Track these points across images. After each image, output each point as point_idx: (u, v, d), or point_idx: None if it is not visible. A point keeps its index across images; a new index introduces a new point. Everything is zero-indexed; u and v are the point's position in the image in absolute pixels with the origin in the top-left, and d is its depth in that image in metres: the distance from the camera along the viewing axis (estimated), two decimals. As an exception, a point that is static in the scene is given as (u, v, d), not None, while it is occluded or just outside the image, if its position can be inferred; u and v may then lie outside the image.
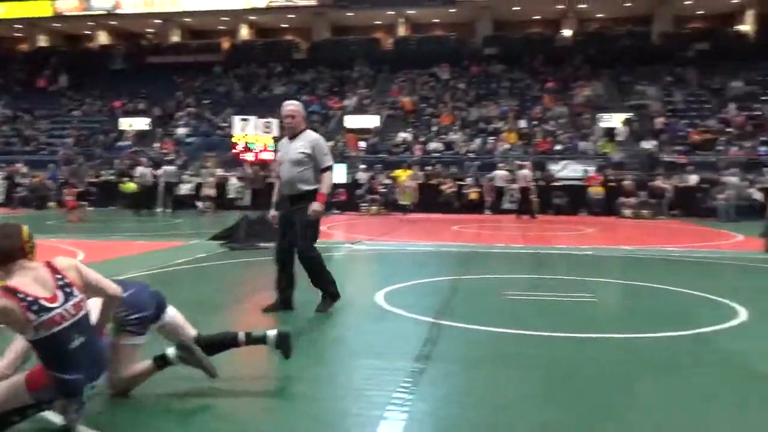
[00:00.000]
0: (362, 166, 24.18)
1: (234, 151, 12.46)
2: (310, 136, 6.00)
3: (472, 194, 22.02)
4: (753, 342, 5.23)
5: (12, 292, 3.04)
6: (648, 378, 4.27)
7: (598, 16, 37.80)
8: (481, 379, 4.27)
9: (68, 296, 3.15)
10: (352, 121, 29.15)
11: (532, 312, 6.36)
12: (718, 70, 30.46)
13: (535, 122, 27.51)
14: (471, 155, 25.33)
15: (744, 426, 3.53)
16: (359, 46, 37.89)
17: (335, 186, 22.38)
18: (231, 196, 22.19)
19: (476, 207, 21.48)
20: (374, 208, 21.58)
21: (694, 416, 3.62)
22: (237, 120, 12.14)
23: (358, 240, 12.96)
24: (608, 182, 21.77)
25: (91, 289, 3.33)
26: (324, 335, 5.51)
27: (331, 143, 26.65)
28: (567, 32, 36.68)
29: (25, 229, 3.28)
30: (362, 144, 27.50)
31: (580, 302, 6.85)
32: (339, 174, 22.86)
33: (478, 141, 26.24)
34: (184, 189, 21.75)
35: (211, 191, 21.06)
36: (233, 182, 22.42)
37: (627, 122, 26.18)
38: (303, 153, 5.83)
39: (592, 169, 22.78)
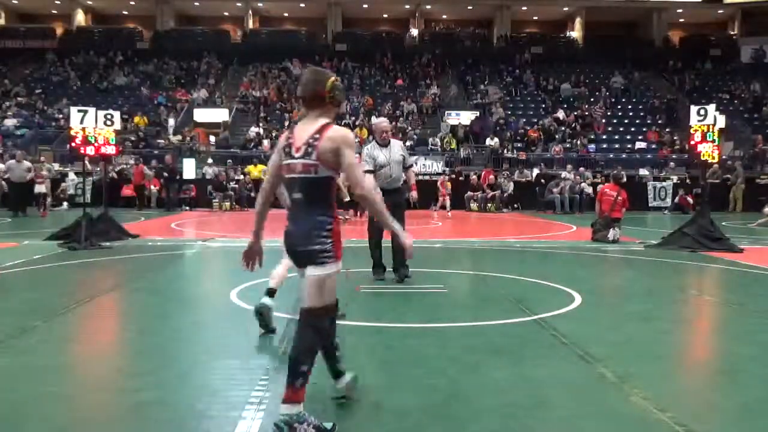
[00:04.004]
0: (210, 161, 23.56)
1: (72, 144, 11.59)
2: (399, 143, 8.07)
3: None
4: (586, 325, 5.68)
5: (291, 131, 3.41)
6: (495, 362, 4.51)
7: (444, 17, 39.30)
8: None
9: (306, 154, 3.29)
10: (201, 115, 28.27)
11: (387, 304, 6.50)
12: (552, 73, 32.79)
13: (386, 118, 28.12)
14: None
15: (580, 404, 3.82)
16: (207, 37, 36.81)
17: (185, 182, 21.69)
18: (70, 192, 20.81)
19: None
20: (227, 204, 21.07)
21: (538, 397, 3.87)
22: (74, 111, 11.30)
23: (210, 237, 12.59)
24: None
25: (345, 172, 3.35)
26: (176, 336, 5.30)
27: (178, 137, 25.74)
28: (414, 31, 37.79)
29: (332, 79, 3.39)
30: (212, 138, 26.81)
31: (431, 293, 7.09)
32: (189, 169, 22.13)
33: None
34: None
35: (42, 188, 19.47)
36: (72, 178, 21.01)
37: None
38: (402, 155, 7.73)
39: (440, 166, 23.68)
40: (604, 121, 28.70)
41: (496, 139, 25.82)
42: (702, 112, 11.26)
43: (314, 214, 3.30)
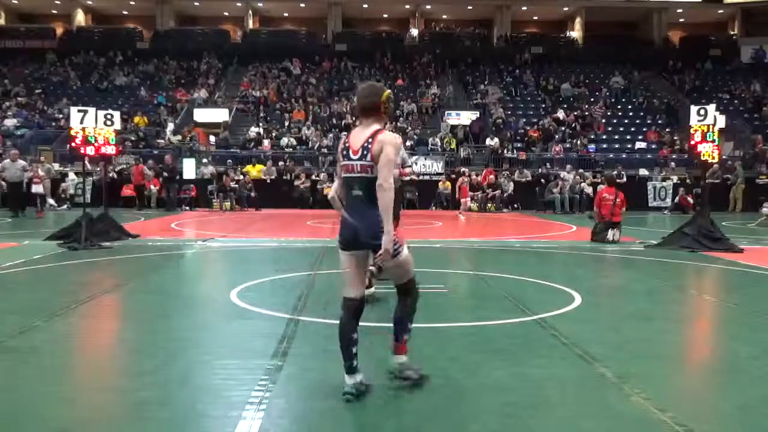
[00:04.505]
0: (204, 161, 23.57)
1: (72, 144, 11.60)
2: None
3: (327, 189, 22.12)
4: (586, 325, 5.69)
5: (347, 136, 3.94)
6: (495, 362, 4.51)
7: (444, 17, 39.30)
8: (337, 372, 4.27)
9: (362, 157, 3.78)
10: (201, 115, 28.25)
11: (384, 305, 6.49)
12: (552, 73, 32.77)
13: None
14: (324, 151, 25.42)
15: (580, 404, 3.82)
16: (207, 37, 36.79)
17: (185, 182, 21.69)
18: (70, 192, 20.83)
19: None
20: (227, 204, 21.07)
21: (538, 397, 3.87)
22: (74, 111, 11.30)
23: (210, 237, 12.60)
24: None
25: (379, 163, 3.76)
26: (175, 336, 5.30)
27: (178, 137, 25.73)
28: (414, 31, 37.78)
29: (387, 92, 3.91)
30: (212, 138, 26.80)
31: (431, 293, 7.08)
32: (189, 169, 22.14)
33: (330, 136, 26.37)
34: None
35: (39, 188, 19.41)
36: (72, 177, 21.02)
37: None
38: (402, 157, 7.53)
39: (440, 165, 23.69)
40: (604, 121, 28.68)
41: (496, 139, 25.81)
42: (702, 112, 11.26)
43: (375, 209, 3.73)
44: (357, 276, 3.93)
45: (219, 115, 28.25)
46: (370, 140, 3.77)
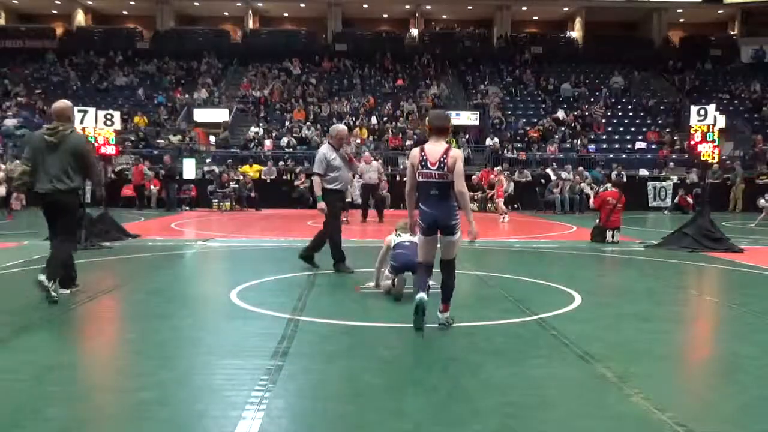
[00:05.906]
0: (208, 160, 23.57)
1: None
2: (348, 148, 8.98)
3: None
4: (586, 325, 5.68)
5: (422, 149, 5.23)
6: (495, 362, 4.50)
7: (444, 17, 39.31)
8: (337, 372, 4.30)
9: (440, 167, 5.12)
10: (201, 115, 28.26)
11: (386, 304, 6.50)
12: (552, 73, 32.79)
13: (386, 118, 28.10)
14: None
15: (580, 404, 3.82)
16: (207, 37, 36.81)
17: (185, 182, 21.69)
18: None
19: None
20: (227, 204, 21.07)
21: (538, 397, 3.87)
22: (75, 111, 11.30)
23: (210, 237, 12.59)
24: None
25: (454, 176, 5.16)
26: (176, 336, 5.30)
27: (178, 137, 25.74)
28: (414, 31, 37.79)
29: (450, 119, 5.69)
30: (212, 138, 26.82)
31: (431, 293, 7.06)
32: (189, 169, 22.15)
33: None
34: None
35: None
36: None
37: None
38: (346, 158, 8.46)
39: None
40: (604, 121, 28.69)
41: (496, 139, 25.81)
42: (702, 112, 11.25)
43: (448, 203, 5.19)
44: (429, 250, 5.34)
45: (219, 115, 28.25)
46: (445, 156, 5.09)
